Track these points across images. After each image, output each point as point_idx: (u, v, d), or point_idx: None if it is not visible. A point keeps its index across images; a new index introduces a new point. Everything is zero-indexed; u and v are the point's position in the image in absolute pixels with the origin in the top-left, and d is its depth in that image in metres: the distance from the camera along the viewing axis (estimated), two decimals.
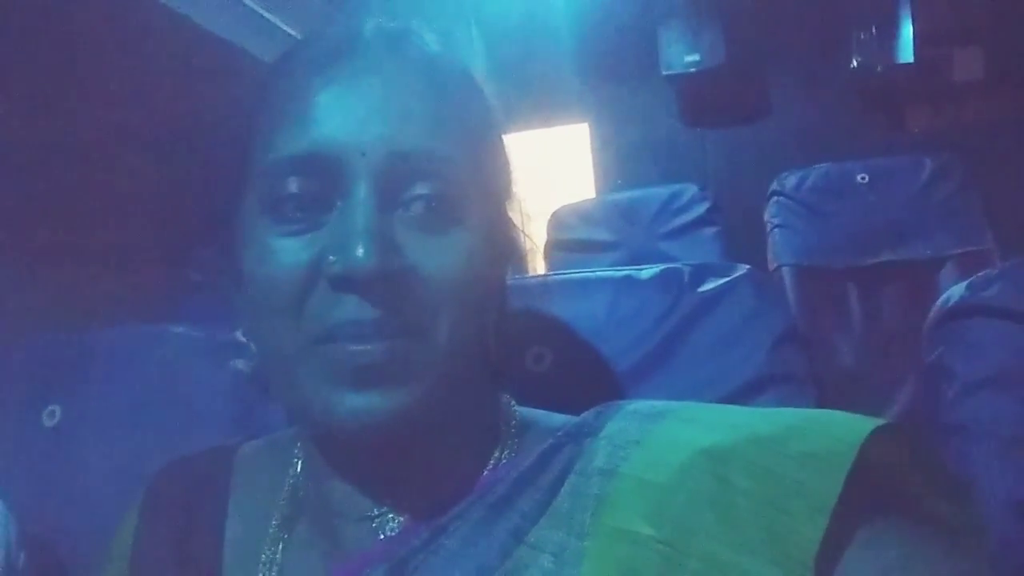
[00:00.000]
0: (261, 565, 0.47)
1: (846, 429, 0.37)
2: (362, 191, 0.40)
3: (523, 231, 0.54)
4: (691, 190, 2.05)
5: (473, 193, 0.44)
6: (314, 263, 0.40)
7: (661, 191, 2.07)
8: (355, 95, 0.42)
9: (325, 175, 0.41)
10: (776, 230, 1.90)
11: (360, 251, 0.38)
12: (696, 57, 2.27)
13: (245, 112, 0.46)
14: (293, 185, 0.41)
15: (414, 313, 0.40)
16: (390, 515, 0.45)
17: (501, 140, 0.50)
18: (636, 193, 2.13)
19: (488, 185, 0.46)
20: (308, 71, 0.43)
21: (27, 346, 0.91)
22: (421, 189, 0.41)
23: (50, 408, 0.84)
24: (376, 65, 0.43)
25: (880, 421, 0.37)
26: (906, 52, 2.20)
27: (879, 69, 2.25)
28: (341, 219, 0.40)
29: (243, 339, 0.87)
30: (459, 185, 0.43)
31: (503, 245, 0.50)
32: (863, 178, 1.87)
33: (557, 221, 2.09)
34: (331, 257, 0.40)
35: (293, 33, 1.43)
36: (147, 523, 0.53)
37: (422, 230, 0.42)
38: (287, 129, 0.42)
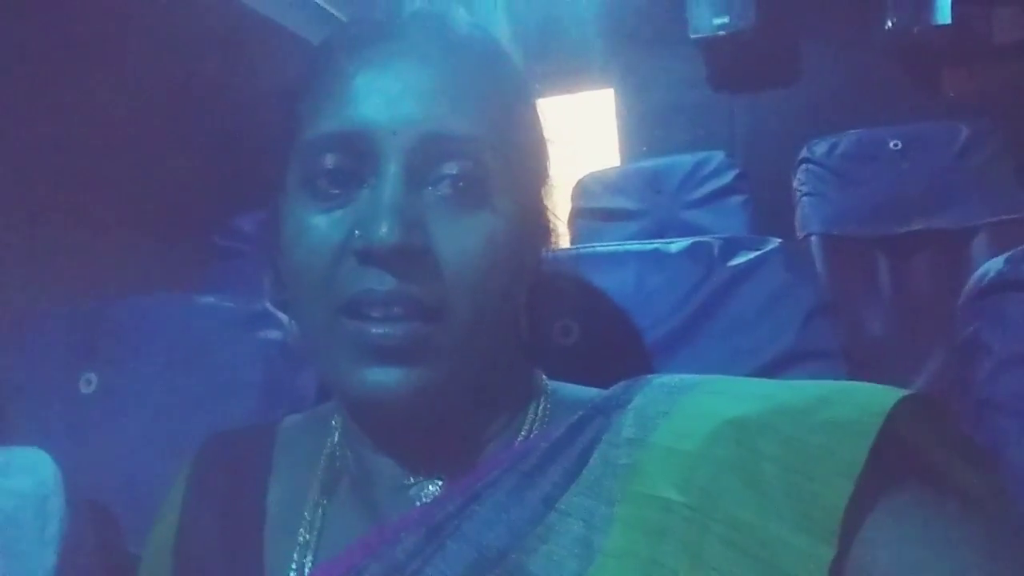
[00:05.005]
0: (302, 529, 0.49)
1: (873, 399, 0.37)
2: (392, 170, 0.42)
3: (554, 213, 0.54)
4: (718, 157, 2.01)
5: (503, 176, 0.45)
6: (344, 239, 0.42)
7: (687, 159, 2.04)
8: (390, 77, 0.44)
9: (358, 153, 0.43)
10: (805, 198, 1.86)
11: (384, 228, 0.40)
12: (725, 20, 2.21)
13: (291, 92, 0.48)
14: (329, 162, 0.43)
15: (434, 293, 0.42)
16: (425, 483, 0.47)
17: (537, 123, 0.51)
18: (662, 161, 2.09)
19: (520, 168, 0.47)
20: (348, 53, 0.45)
21: (63, 314, 0.93)
22: (449, 169, 0.43)
23: (86, 376, 0.86)
24: (412, 48, 0.45)
25: (906, 392, 0.37)
26: (943, 13, 2.13)
27: (915, 31, 2.18)
28: (371, 196, 0.42)
29: (272, 309, 0.88)
30: (488, 167, 0.44)
31: (535, 229, 0.51)
32: (896, 145, 1.82)
33: (582, 189, 2.07)
34: (357, 232, 0.42)
35: (338, 15, 1.45)
36: (194, 494, 0.55)
37: (449, 210, 0.43)
38: (326, 108, 0.44)
